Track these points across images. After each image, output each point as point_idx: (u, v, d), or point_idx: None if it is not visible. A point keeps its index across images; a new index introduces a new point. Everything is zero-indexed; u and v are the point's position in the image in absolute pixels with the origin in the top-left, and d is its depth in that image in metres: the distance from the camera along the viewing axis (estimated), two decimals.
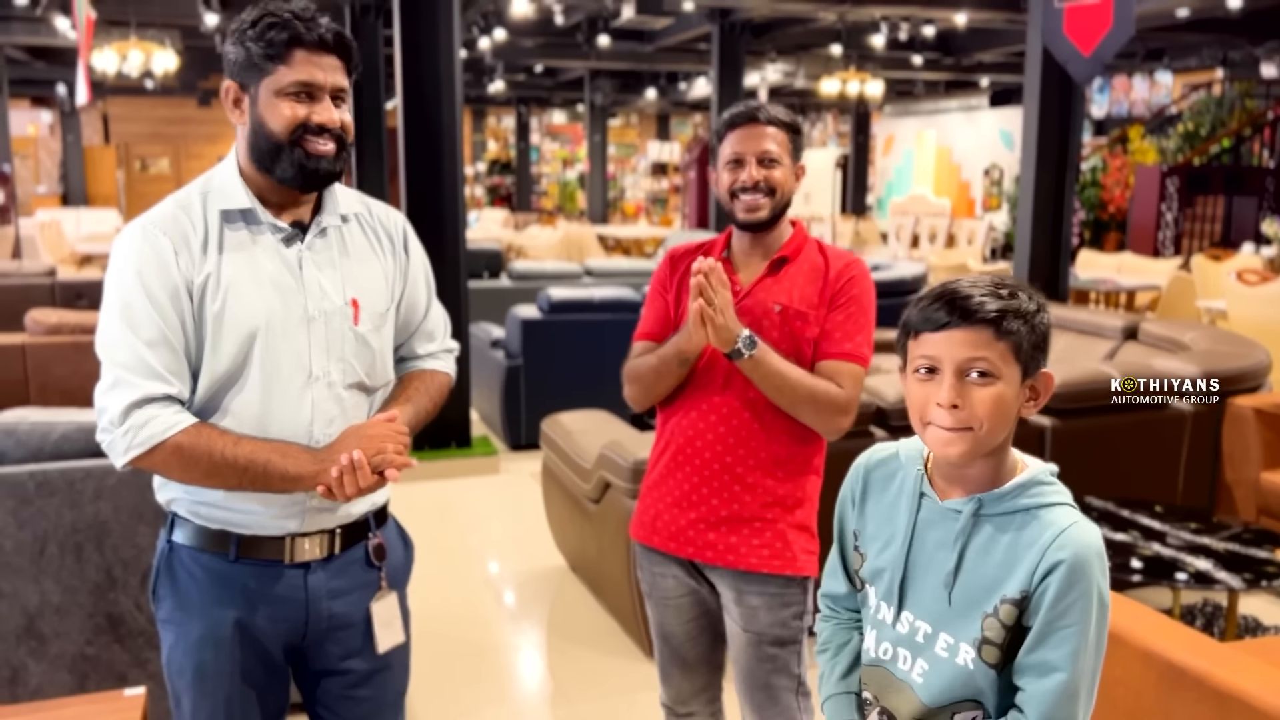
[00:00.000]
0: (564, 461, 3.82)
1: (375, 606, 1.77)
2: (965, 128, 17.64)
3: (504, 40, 11.85)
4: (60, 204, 18.37)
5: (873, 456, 1.48)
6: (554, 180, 23.86)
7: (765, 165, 1.97)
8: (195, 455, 1.56)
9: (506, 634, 3.70)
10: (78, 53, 7.34)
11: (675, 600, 2.11)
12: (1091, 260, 9.39)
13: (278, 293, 1.63)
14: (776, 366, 1.89)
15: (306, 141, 1.60)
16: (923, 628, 1.36)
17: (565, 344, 5.77)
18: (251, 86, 1.62)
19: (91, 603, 2.78)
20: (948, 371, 1.28)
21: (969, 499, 1.32)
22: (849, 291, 1.97)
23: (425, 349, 1.89)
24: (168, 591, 1.71)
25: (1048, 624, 1.26)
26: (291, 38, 1.58)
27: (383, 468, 1.60)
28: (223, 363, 1.61)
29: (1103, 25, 3.42)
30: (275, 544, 1.68)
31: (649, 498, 2.11)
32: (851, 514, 1.49)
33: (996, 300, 1.27)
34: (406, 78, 5.37)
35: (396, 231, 1.82)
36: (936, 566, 1.34)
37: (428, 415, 1.83)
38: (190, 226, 1.61)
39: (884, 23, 11.13)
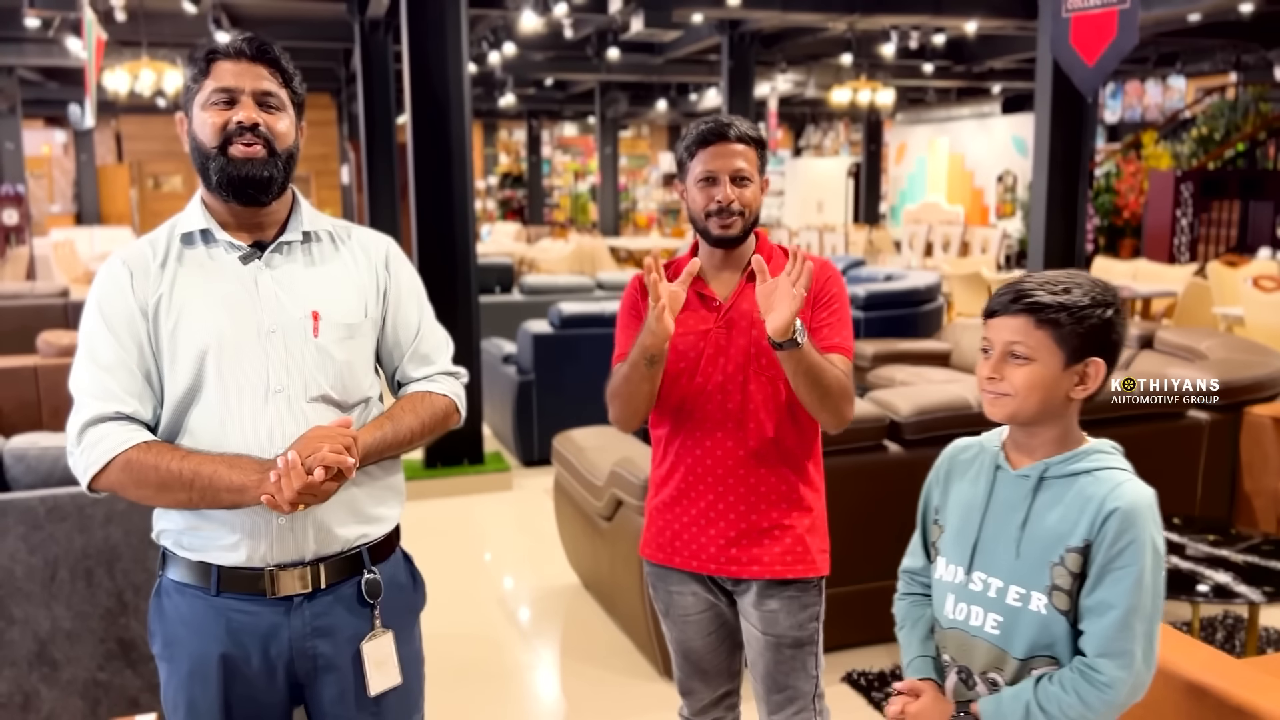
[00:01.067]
0: (576, 479, 3.80)
1: (367, 647, 1.70)
2: (978, 135, 17.59)
3: (514, 54, 11.89)
4: (74, 223, 18.51)
5: (958, 445, 1.69)
6: (566, 193, 23.90)
7: (738, 184, 1.99)
8: (144, 469, 1.56)
9: (519, 654, 3.68)
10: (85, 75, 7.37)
11: (696, 616, 2.13)
12: (1107, 267, 9.32)
13: (228, 309, 1.64)
14: (817, 358, 1.90)
15: (230, 148, 1.62)
16: (994, 583, 1.53)
17: (577, 359, 5.75)
18: (189, 108, 1.68)
19: (103, 628, 2.78)
20: (995, 350, 1.52)
21: (1036, 464, 1.53)
22: (829, 289, 2.03)
23: (420, 372, 1.82)
24: (159, 628, 1.71)
25: (1104, 566, 1.44)
26: (210, 52, 1.65)
27: (316, 465, 1.51)
28: (181, 381, 1.62)
29: (1107, 34, 3.39)
30: (254, 577, 1.64)
31: (661, 517, 2.11)
32: (935, 493, 1.69)
33: (1046, 295, 1.47)
34: (415, 94, 5.38)
35: (377, 252, 1.80)
36: (1007, 526, 1.53)
37: (413, 435, 1.73)
38: (151, 253, 1.66)
39: (894, 32, 11.11)
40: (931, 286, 7.04)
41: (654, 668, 3.41)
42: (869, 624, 3.11)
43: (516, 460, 5.94)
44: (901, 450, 3.37)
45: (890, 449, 3.39)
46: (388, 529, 1.77)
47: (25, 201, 12.93)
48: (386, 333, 1.80)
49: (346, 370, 1.70)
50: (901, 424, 3.38)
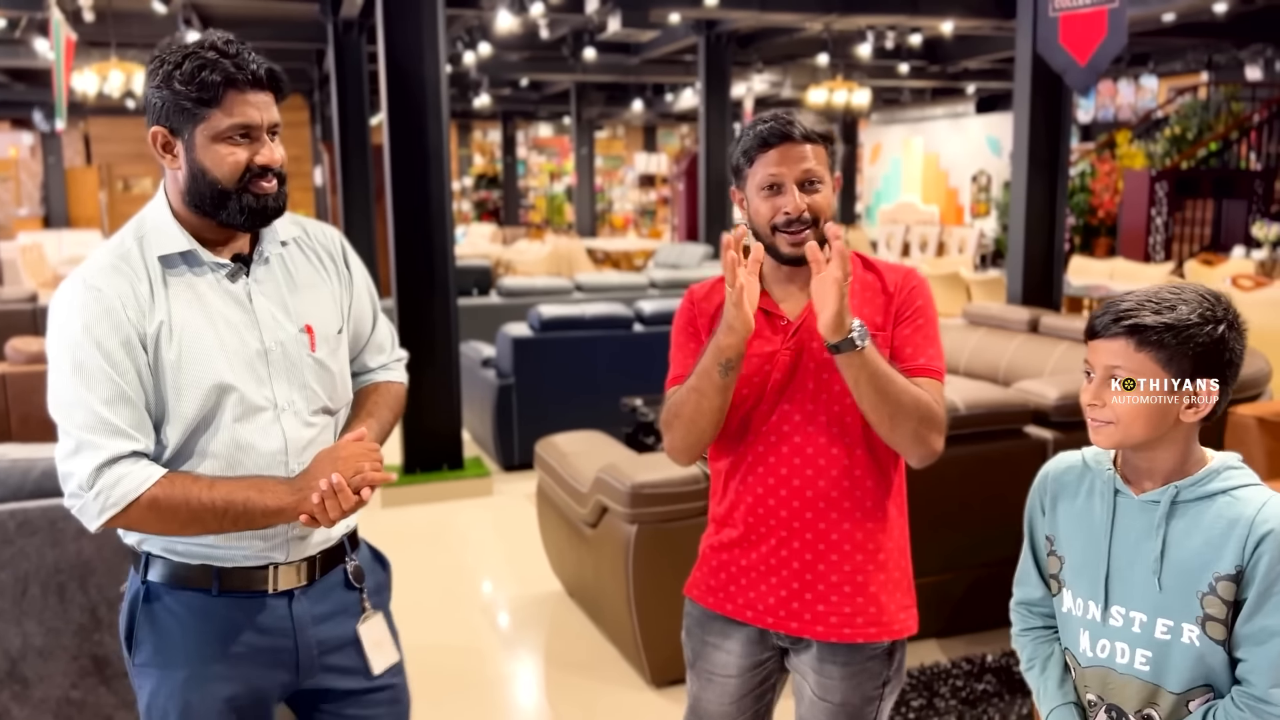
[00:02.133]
0: (559, 485, 3.74)
1: (363, 629, 1.77)
2: (952, 135, 17.67)
3: (489, 55, 11.80)
4: (42, 226, 18.24)
5: (1058, 465, 1.58)
6: (541, 194, 23.81)
7: (808, 189, 1.75)
8: (172, 506, 1.54)
9: (502, 663, 3.62)
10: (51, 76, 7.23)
11: (722, 679, 1.89)
12: (1084, 266, 9.37)
13: (232, 330, 1.62)
14: (885, 368, 1.65)
15: (253, 185, 1.59)
16: (1138, 617, 1.44)
17: (557, 362, 5.70)
18: (185, 132, 1.57)
19: (76, 644, 2.70)
20: (1096, 374, 1.43)
21: (1165, 488, 1.42)
22: (913, 303, 1.78)
23: (376, 361, 1.89)
24: (147, 634, 1.66)
25: (1263, 592, 1.35)
26: (224, 79, 1.53)
27: (362, 486, 1.59)
28: (190, 409, 1.58)
29: (1098, 33, 3.38)
30: (258, 574, 1.67)
31: (716, 557, 1.88)
32: (1042, 521, 1.58)
33: (1149, 315, 1.38)
34: (392, 94, 5.30)
35: (336, 250, 1.81)
36: (1142, 556, 1.43)
37: (390, 427, 1.84)
38: (134, 275, 1.58)
39: (870, 32, 11.11)
40: None
41: (640, 677, 3.37)
42: None
43: (497, 465, 5.88)
44: None
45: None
46: (356, 519, 1.82)
47: None
48: (350, 328, 1.82)
49: (339, 379, 1.75)
50: None
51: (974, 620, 3.60)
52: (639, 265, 14.10)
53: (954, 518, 3.52)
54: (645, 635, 3.25)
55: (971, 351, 5.98)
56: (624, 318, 5.91)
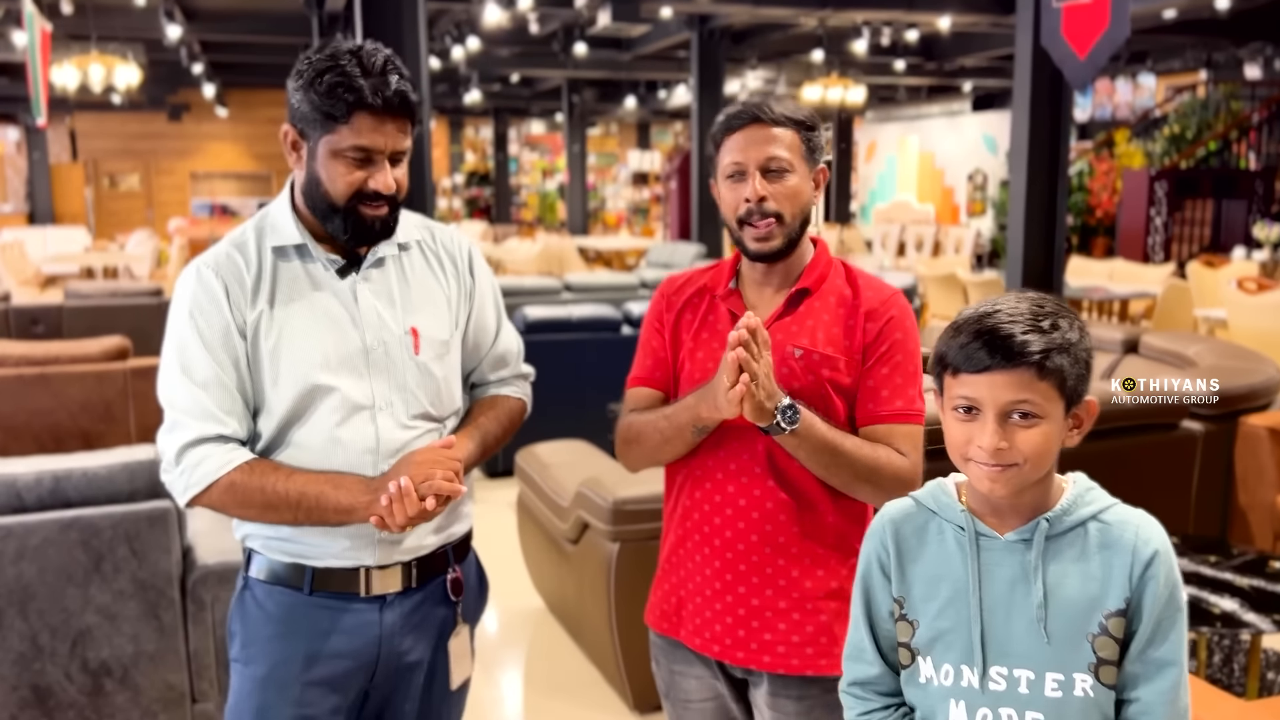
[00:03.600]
0: (540, 498, 3.58)
1: (453, 644, 1.75)
2: (948, 133, 17.53)
3: (478, 50, 11.62)
4: (27, 223, 18.02)
5: (895, 512, 1.37)
6: (533, 191, 23.64)
7: (772, 176, 1.61)
8: (248, 491, 1.57)
9: (481, 687, 3.45)
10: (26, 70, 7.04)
11: (699, 704, 1.77)
12: (1082, 267, 9.22)
13: (333, 326, 1.63)
14: (825, 439, 1.53)
15: (362, 207, 1.59)
16: (1023, 676, 1.26)
17: (543, 366, 5.44)
18: (311, 137, 1.60)
19: (15, 674, 2.54)
20: (990, 413, 1.23)
21: (1031, 523, 1.26)
22: (891, 336, 1.61)
23: (497, 375, 1.85)
24: (238, 628, 1.70)
25: (1157, 621, 1.23)
26: (356, 101, 1.53)
27: (429, 494, 1.56)
28: (284, 399, 1.61)
29: (1099, 26, 3.21)
30: (351, 576, 1.66)
31: (668, 579, 1.76)
32: (884, 582, 1.35)
33: (1039, 337, 1.21)
34: None
35: (461, 255, 1.79)
36: (1018, 605, 1.26)
37: (498, 441, 1.79)
38: (244, 264, 1.62)
39: (866, 28, 10.96)
40: (907, 289, 6.89)
41: (623, 702, 3.20)
42: None
43: (479, 471, 5.71)
44: None
45: None
46: (467, 528, 1.79)
47: None
48: (467, 335, 1.79)
49: (444, 386, 1.72)
50: None
51: None
52: (631, 264, 13.94)
53: None
54: (627, 658, 3.08)
55: None
56: (612, 320, 5.74)
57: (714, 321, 1.71)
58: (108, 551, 2.54)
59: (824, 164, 1.71)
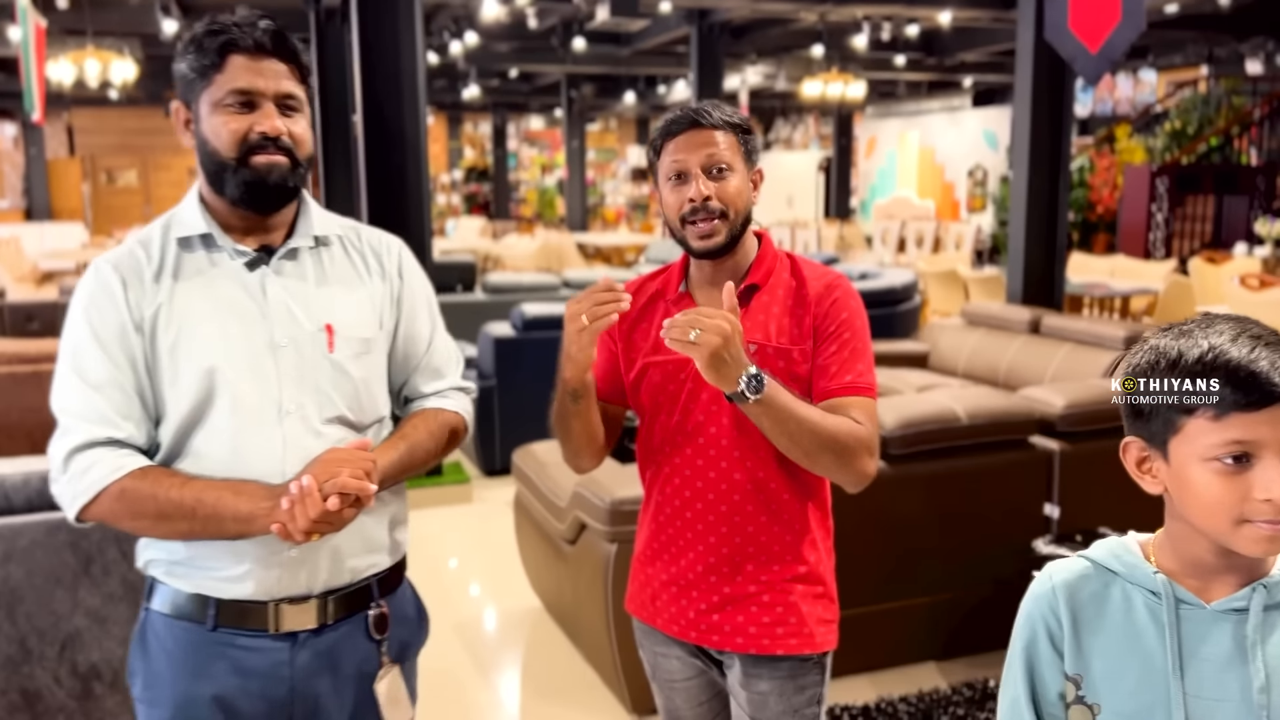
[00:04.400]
0: (537, 497, 3.54)
1: (379, 687, 1.60)
2: (948, 128, 17.48)
3: (476, 45, 11.57)
4: (24, 219, 17.97)
5: (1067, 576, 1.17)
6: (532, 187, 23.58)
7: (714, 176, 1.65)
8: (140, 499, 1.44)
9: (476, 688, 3.41)
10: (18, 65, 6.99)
11: (683, 683, 1.84)
12: (1083, 264, 9.18)
13: (238, 321, 1.51)
14: (789, 407, 1.54)
15: (253, 157, 1.48)
16: None
17: (541, 363, 5.44)
18: (194, 103, 1.51)
19: (3, 678, 2.51)
20: (1269, 457, 1.02)
21: (1246, 591, 1.07)
22: (837, 316, 1.66)
23: (431, 387, 1.70)
24: (139, 667, 1.57)
25: None
26: (226, 43, 1.46)
27: (332, 492, 1.40)
28: (184, 400, 1.48)
29: (1110, 19, 3.15)
30: (258, 611, 1.52)
31: (643, 571, 1.82)
32: (1054, 658, 1.16)
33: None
34: (366, 83, 5.09)
35: (389, 255, 1.67)
36: (1231, 686, 1.07)
37: (427, 454, 1.63)
38: (145, 259, 1.51)
39: (866, 23, 10.91)
40: (908, 285, 6.84)
41: (621, 705, 3.16)
42: (852, 653, 2.88)
43: (477, 470, 5.67)
44: (885, 466, 3.14)
45: None
46: (395, 559, 1.66)
47: None
48: (397, 344, 1.67)
49: (363, 388, 1.59)
50: (887, 438, 3.15)
51: (976, 642, 3.39)
52: (630, 260, 13.89)
53: (954, 533, 3.32)
54: (625, 660, 3.04)
55: (970, 353, 5.79)
56: None
57: None
58: (97, 554, 2.50)
59: (759, 167, 1.74)
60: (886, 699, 3.12)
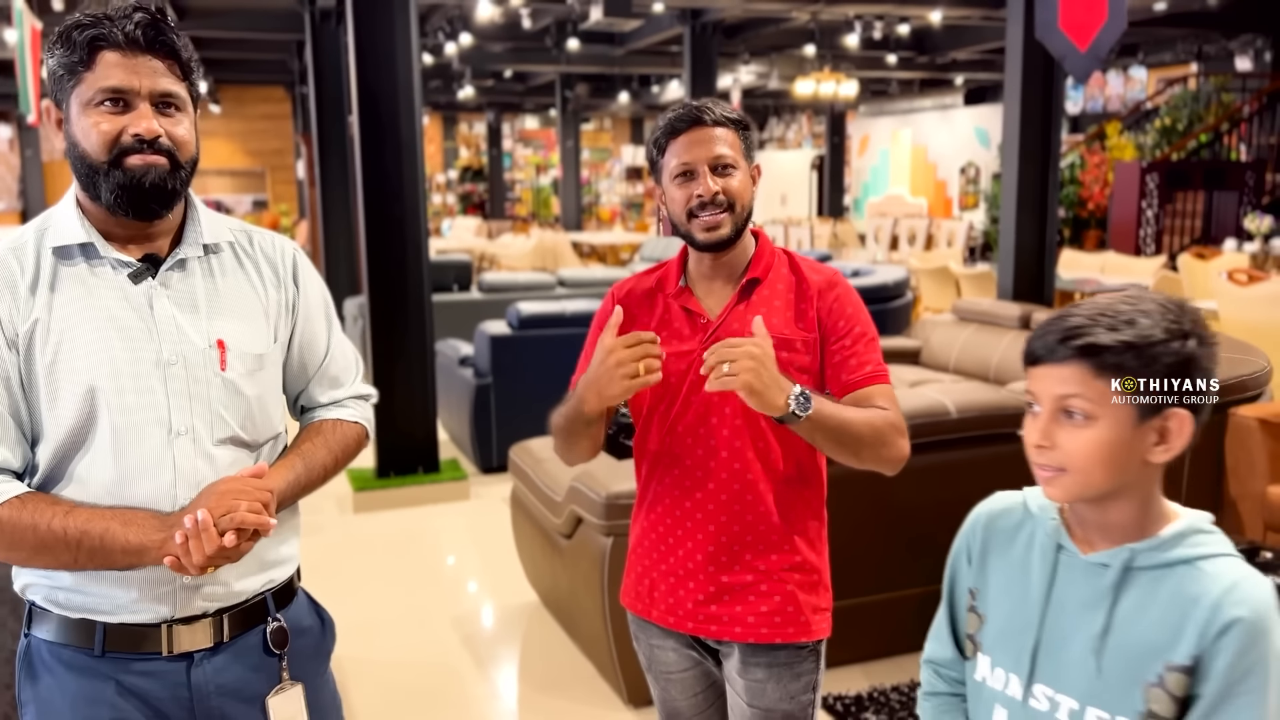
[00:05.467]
0: (533, 493, 3.58)
1: (273, 702, 1.52)
2: (940, 126, 17.56)
3: (471, 45, 11.60)
4: (20, 220, 17.97)
5: (995, 505, 1.35)
6: (528, 186, 23.61)
7: (721, 173, 1.70)
8: (18, 530, 1.34)
9: (474, 681, 3.46)
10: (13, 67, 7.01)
11: (679, 675, 1.88)
12: (1074, 260, 9.24)
13: (122, 337, 1.41)
14: (837, 416, 1.59)
15: (126, 159, 1.38)
16: (1065, 703, 1.20)
17: (537, 361, 5.53)
18: (65, 102, 1.40)
19: (8, 673, 2.53)
20: (1044, 409, 1.18)
21: (1118, 550, 1.18)
22: (844, 311, 1.73)
23: (329, 396, 1.65)
24: (29, 697, 1.47)
25: (1222, 692, 1.10)
26: (94, 38, 1.36)
27: (228, 529, 1.34)
28: (64, 422, 1.38)
29: (1098, 18, 3.21)
30: (149, 633, 1.44)
31: (640, 562, 1.85)
32: (968, 571, 1.36)
33: (1104, 332, 1.14)
34: (362, 87, 5.13)
35: (283, 261, 1.59)
36: (1081, 630, 1.19)
37: (325, 471, 1.57)
38: (18, 269, 1.40)
39: (858, 22, 10.96)
40: (900, 282, 6.90)
41: (618, 696, 3.21)
42: (845, 644, 2.93)
43: (474, 467, 5.71)
44: None
45: None
46: (290, 571, 1.59)
47: None
48: (292, 353, 1.60)
49: (257, 406, 1.51)
50: None
51: None
52: (625, 259, 13.94)
53: (946, 526, 3.36)
54: (622, 653, 3.09)
55: (961, 348, 5.84)
56: None
57: (670, 320, 1.78)
58: None
59: (757, 164, 1.79)
60: (879, 688, 3.18)
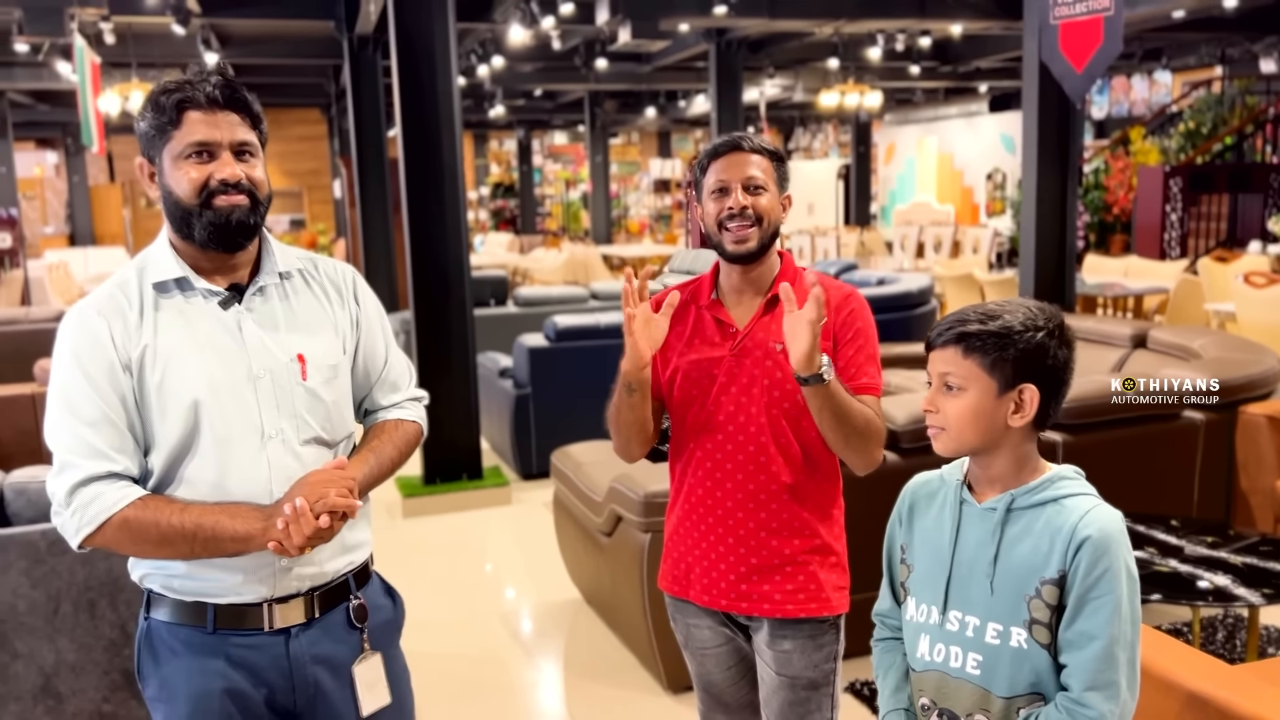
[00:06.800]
0: (574, 494, 3.81)
1: (358, 669, 1.76)
2: (966, 133, 17.63)
3: (502, 67, 11.90)
4: (68, 244, 18.50)
5: (918, 480, 1.66)
6: (558, 201, 23.92)
7: (751, 192, 1.94)
8: (143, 527, 1.56)
9: (523, 671, 3.69)
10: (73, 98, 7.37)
11: (714, 650, 2.09)
12: (1098, 264, 9.35)
13: (218, 356, 1.64)
14: (845, 399, 1.84)
15: (214, 201, 1.61)
16: (971, 621, 1.50)
17: (573, 371, 5.76)
18: (156, 158, 1.64)
19: (107, 659, 2.78)
20: (933, 383, 1.52)
21: (1002, 496, 1.50)
22: (853, 325, 1.95)
23: (390, 399, 1.88)
24: (151, 671, 1.70)
25: (1081, 597, 1.41)
26: (181, 101, 1.60)
27: (323, 511, 1.58)
28: (173, 433, 1.61)
29: (1093, 42, 3.43)
30: (252, 612, 1.67)
31: (676, 549, 2.07)
32: (900, 531, 1.66)
33: (974, 325, 1.47)
34: (405, 110, 5.39)
35: (345, 283, 1.83)
36: (979, 562, 1.50)
37: (393, 464, 1.82)
38: (126, 303, 1.63)
39: (880, 35, 11.14)
40: (924, 289, 7.06)
41: (658, 683, 3.42)
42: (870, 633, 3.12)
43: (515, 474, 5.95)
44: (899, 459, 3.39)
45: (888, 458, 3.40)
46: (365, 555, 1.82)
47: (19, 225, 12.91)
48: (357, 363, 1.83)
49: (334, 409, 1.75)
50: (899, 433, 3.39)
51: None
52: (655, 271, 14.12)
53: None
54: (661, 642, 3.30)
55: None
56: None
57: (703, 328, 2.02)
58: None
59: (788, 194, 2.02)
60: None
